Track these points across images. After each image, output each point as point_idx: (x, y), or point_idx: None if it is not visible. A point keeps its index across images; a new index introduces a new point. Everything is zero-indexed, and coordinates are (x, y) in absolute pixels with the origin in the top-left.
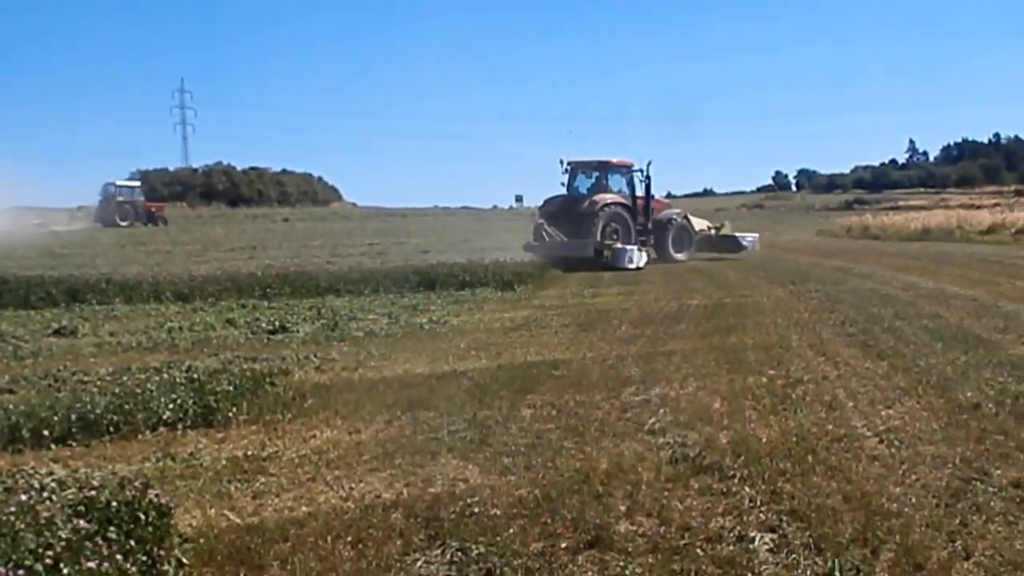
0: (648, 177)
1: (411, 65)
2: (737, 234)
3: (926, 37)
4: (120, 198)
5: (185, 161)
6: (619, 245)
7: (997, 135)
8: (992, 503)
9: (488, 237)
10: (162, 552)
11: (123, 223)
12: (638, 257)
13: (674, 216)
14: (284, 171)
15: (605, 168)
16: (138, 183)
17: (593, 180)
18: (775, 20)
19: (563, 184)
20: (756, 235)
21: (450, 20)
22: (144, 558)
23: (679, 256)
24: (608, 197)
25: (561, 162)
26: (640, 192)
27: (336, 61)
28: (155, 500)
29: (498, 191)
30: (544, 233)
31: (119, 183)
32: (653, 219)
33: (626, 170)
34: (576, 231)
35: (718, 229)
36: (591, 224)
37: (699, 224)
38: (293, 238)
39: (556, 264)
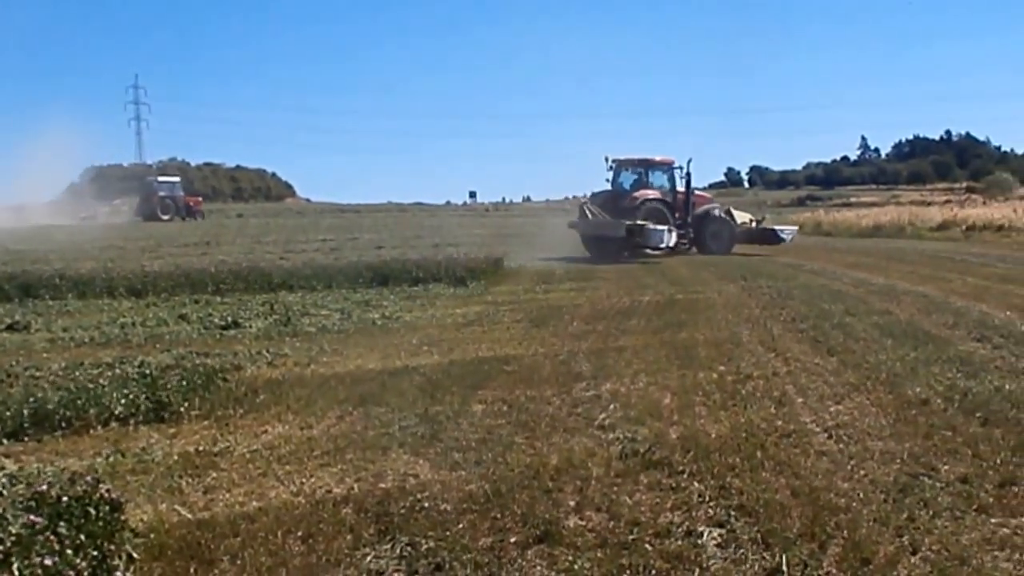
0: (688, 174)
1: (365, 61)
2: (776, 227)
3: (878, 34)
4: (161, 193)
5: (139, 157)
6: (652, 225)
7: (948, 132)
8: (939, 498)
9: (441, 232)
10: (113, 547)
11: (164, 217)
12: (668, 238)
13: (714, 210)
14: (238, 167)
15: (647, 165)
16: (178, 179)
17: (636, 177)
18: (727, 17)
19: (607, 180)
20: (795, 228)
21: (403, 13)
22: (95, 553)
23: (718, 249)
24: (649, 193)
25: (606, 159)
26: (680, 188)
27: (290, 57)
28: (106, 495)
29: (452, 187)
30: (588, 212)
31: (160, 179)
32: (693, 214)
33: (667, 167)
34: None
35: (759, 222)
36: (632, 218)
37: (741, 217)
38: (247, 234)
39: (590, 249)
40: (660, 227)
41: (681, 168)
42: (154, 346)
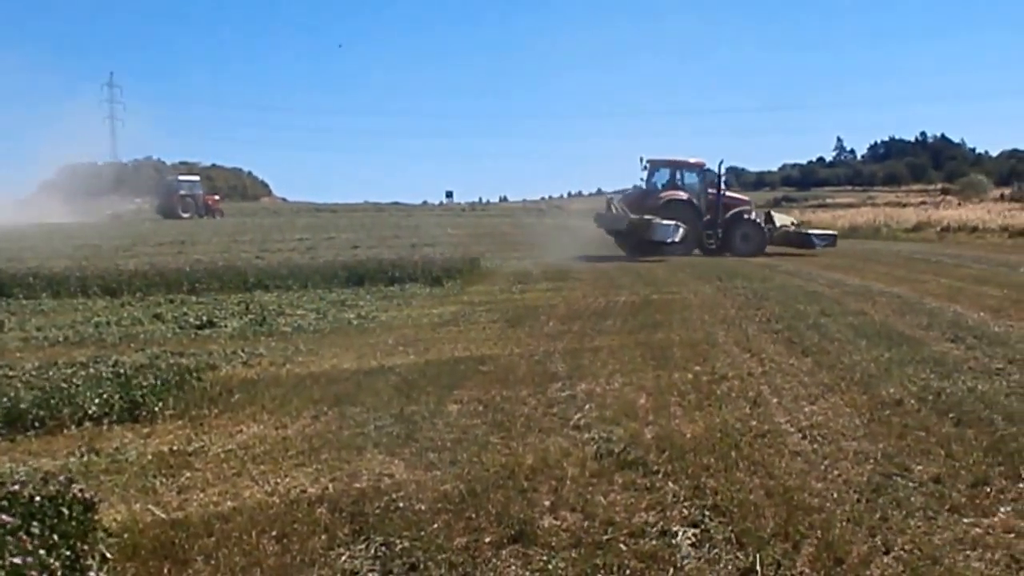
0: (719, 176)
1: (342, 60)
2: (813, 231)
3: (853, 36)
4: (182, 192)
5: (114, 155)
6: (657, 220)
7: (923, 134)
8: (912, 498)
9: (418, 232)
10: (86, 547)
11: (185, 215)
12: (674, 233)
13: (746, 212)
14: (214, 166)
15: (678, 167)
16: (197, 178)
17: (667, 177)
18: (706, 21)
19: (642, 180)
20: (833, 233)
21: (380, 13)
22: (68, 553)
23: (747, 250)
24: (678, 193)
25: (641, 160)
26: (712, 190)
27: (267, 55)
28: (79, 495)
29: (429, 187)
30: (612, 207)
31: (181, 178)
32: (724, 216)
33: (699, 169)
34: None
35: (797, 226)
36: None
37: (782, 220)
38: (222, 233)
39: (623, 247)
40: (666, 222)
41: (712, 170)
42: (128, 345)
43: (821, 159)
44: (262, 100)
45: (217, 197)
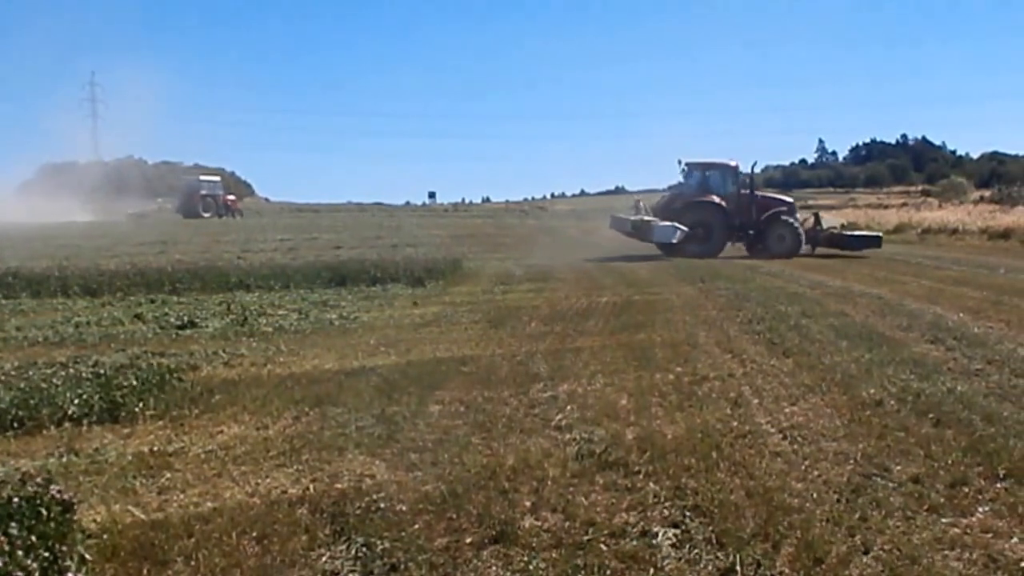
0: (751, 177)
1: (325, 61)
2: (861, 233)
3: (834, 39)
4: (203, 192)
5: (95, 154)
6: (658, 222)
7: (904, 136)
8: (891, 498)
9: (400, 233)
10: (64, 548)
11: (206, 214)
12: (673, 234)
13: (782, 214)
14: (196, 165)
15: (708, 168)
16: (218, 178)
17: (701, 178)
18: (688, 23)
19: (680, 181)
20: (879, 235)
21: (361, 12)
22: (46, 554)
23: (781, 251)
24: (705, 196)
25: (679, 162)
26: (745, 190)
27: (250, 55)
28: (57, 496)
29: (411, 188)
30: (639, 208)
31: (202, 178)
32: (758, 217)
33: (730, 170)
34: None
35: (843, 228)
36: (679, 218)
37: (830, 222)
38: (204, 233)
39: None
40: (665, 224)
41: (743, 171)
42: (109, 346)
43: (803, 161)
44: (244, 100)
45: (235, 197)
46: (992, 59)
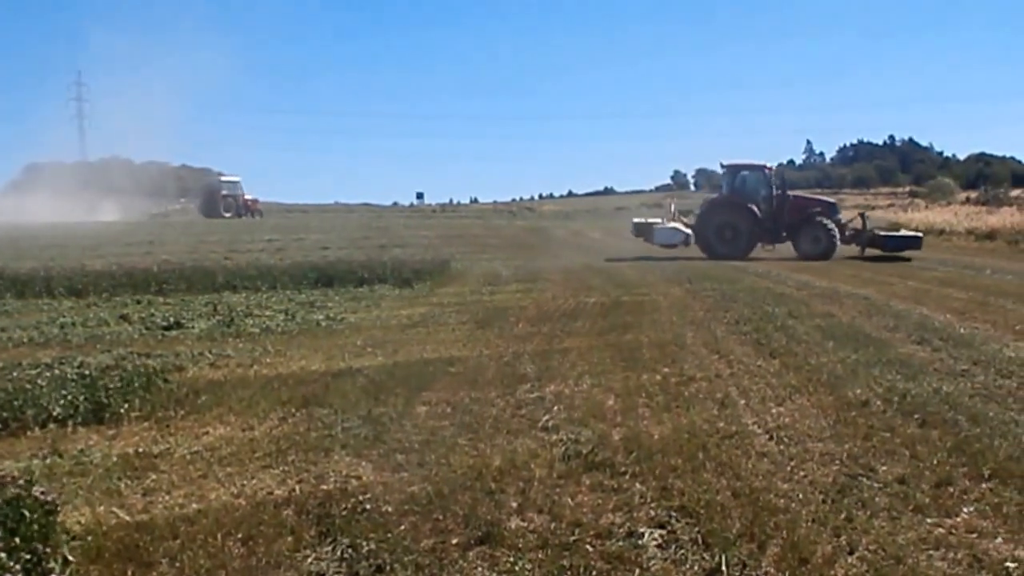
0: (782, 179)
1: (312, 61)
2: (894, 234)
3: (822, 39)
4: (224, 192)
5: (82, 154)
6: (659, 225)
7: (892, 137)
8: (877, 499)
9: (388, 233)
10: (48, 550)
11: (227, 214)
12: (673, 236)
13: (816, 215)
14: (183, 166)
15: (740, 170)
16: (239, 179)
17: (732, 180)
18: (674, 23)
19: (721, 184)
20: (919, 235)
21: (349, 13)
22: (29, 556)
23: (814, 253)
24: (735, 198)
25: (721, 165)
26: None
27: (236, 55)
28: (40, 497)
29: (399, 188)
30: (671, 208)
31: (223, 178)
32: (792, 218)
33: (763, 172)
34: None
35: (885, 229)
36: (705, 220)
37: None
38: (191, 233)
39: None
40: (666, 227)
41: (775, 173)
42: (94, 346)
43: (791, 161)
44: (231, 100)
45: (255, 198)
46: (980, 60)
